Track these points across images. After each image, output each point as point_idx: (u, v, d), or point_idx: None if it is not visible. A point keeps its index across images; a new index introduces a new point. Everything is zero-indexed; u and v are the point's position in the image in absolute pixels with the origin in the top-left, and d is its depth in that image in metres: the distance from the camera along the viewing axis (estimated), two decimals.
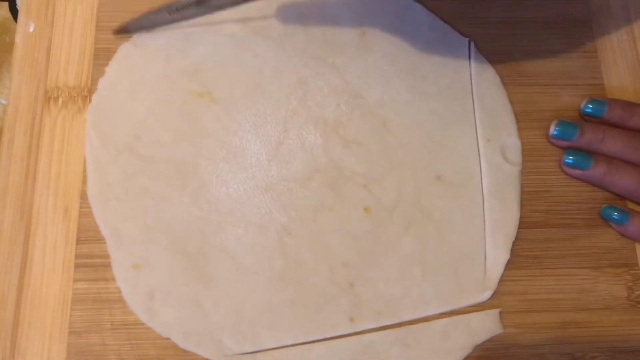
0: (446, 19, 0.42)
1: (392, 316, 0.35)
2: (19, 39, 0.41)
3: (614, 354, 0.35)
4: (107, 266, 0.36)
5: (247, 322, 0.35)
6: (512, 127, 0.40)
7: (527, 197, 0.38)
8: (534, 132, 0.40)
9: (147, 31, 0.41)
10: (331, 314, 0.35)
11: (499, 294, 0.36)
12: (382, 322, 0.35)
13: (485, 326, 0.35)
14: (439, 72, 0.41)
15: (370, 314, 0.35)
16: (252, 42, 0.41)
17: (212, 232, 0.36)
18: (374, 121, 0.39)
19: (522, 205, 0.38)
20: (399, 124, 0.39)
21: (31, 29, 0.41)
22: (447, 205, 0.38)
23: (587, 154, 0.38)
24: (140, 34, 0.41)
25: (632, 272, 0.37)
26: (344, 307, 0.35)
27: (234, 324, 0.35)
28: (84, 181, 0.38)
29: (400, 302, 0.36)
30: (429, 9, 0.42)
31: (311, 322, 0.35)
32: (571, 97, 0.41)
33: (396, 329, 0.35)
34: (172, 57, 0.40)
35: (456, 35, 0.42)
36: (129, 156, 0.38)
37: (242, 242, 0.36)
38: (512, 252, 0.37)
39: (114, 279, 0.35)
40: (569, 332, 0.36)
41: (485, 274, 0.37)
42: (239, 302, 0.35)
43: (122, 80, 0.40)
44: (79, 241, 0.36)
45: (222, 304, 0.35)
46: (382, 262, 0.36)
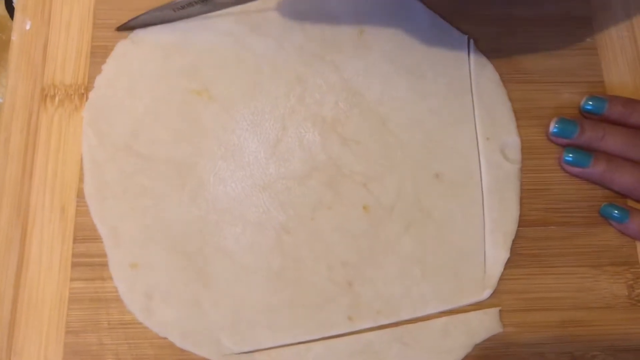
0: (445, 16, 0.42)
1: (391, 315, 0.35)
2: (15, 37, 0.41)
3: (614, 353, 0.35)
4: (105, 265, 0.36)
5: (245, 322, 0.35)
6: (512, 125, 0.40)
7: (526, 195, 0.38)
8: (534, 130, 0.40)
9: (146, 27, 0.40)
10: (330, 313, 0.35)
11: (499, 292, 0.36)
12: (381, 321, 0.35)
13: (484, 325, 0.35)
14: (438, 70, 0.40)
15: (369, 313, 0.35)
16: (251, 40, 0.41)
17: (210, 231, 0.36)
18: (373, 119, 0.39)
19: (521, 203, 0.38)
20: (398, 122, 0.39)
21: (27, 27, 0.41)
22: (446, 203, 0.37)
23: (587, 151, 0.38)
24: (138, 32, 0.40)
25: (633, 270, 0.37)
26: (343, 306, 0.35)
27: (232, 323, 0.35)
28: (81, 180, 0.37)
29: (399, 301, 0.36)
30: (427, 6, 0.42)
31: (310, 322, 0.35)
32: (571, 95, 0.41)
33: (395, 328, 0.35)
34: (170, 54, 0.40)
35: (455, 32, 0.41)
36: (127, 154, 0.38)
37: (241, 241, 0.36)
38: (512, 251, 0.37)
39: (111, 278, 0.35)
40: (568, 330, 0.36)
41: (484, 272, 0.36)
42: (237, 302, 0.35)
43: (120, 78, 0.39)
44: (76, 240, 0.36)
45: (221, 304, 0.35)
46: (381, 261, 0.36)
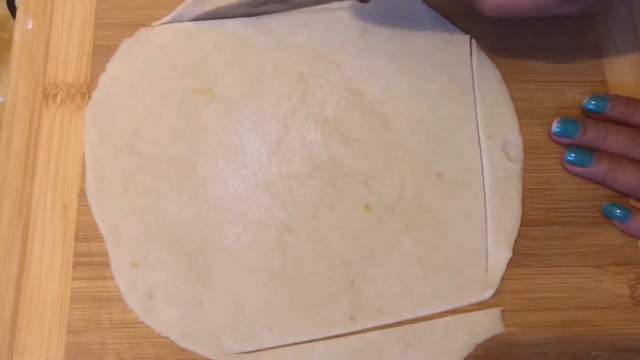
0: (447, 15, 0.42)
1: (393, 315, 0.35)
2: (17, 36, 0.41)
3: (617, 353, 0.35)
4: (106, 264, 0.36)
5: (246, 321, 0.35)
6: (514, 124, 0.39)
7: (528, 194, 0.38)
8: (536, 129, 0.40)
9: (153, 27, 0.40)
10: (331, 313, 0.35)
11: (501, 292, 0.36)
12: (383, 320, 0.35)
13: (486, 325, 0.35)
14: (440, 69, 0.40)
15: (370, 312, 0.35)
16: (254, 40, 0.41)
17: (211, 231, 0.36)
18: (375, 118, 0.39)
19: (523, 203, 0.38)
20: (399, 121, 0.39)
21: (29, 26, 0.41)
22: (448, 203, 0.37)
23: (589, 151, 0.38)
24: (142, 30, 0.40)
25: (635, 270, 0.37)
26: (344, 305, 0.35)
27: (233, 322, 0.35)
28: (83, 179, 0.37)
29: (401, 300, 0.35)
30: (430, 5, 0.42)
31: (311, 321, 0.35)
32: (573, 94, 0.40)
33: (397, 328, 0.35)
34: (173, 54, 0.40)
35: (457, 31, 0.41)
36: (129, 154, 0.38)
37: (242, 240, 0.36)
38: (514, 251, 0.37)
39: (112, 277, 0.35)
40: (571, 330, 0.36)
41: (486, 272, 0.36)
42: (238, 301, 0.35)
43: (123, 76, 0.39)
44: (77, 239, 0.36)
45: (222, 303, 0.35)
46: (382, 261, 0.36)
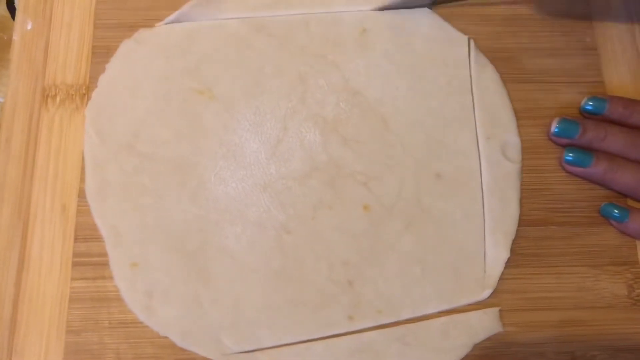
0: (446, 17, 0.42)
1: (392, 315, 0.35)
2: (16, 37, 0.41)
3: (614, 353, 0.35)
4: (105, 264, 0.36)
5: (245, 321, 0.35)
6: (512, 124, 0.40)
7: (527, 195, 0.38)
8: (534, 129, 0.40)
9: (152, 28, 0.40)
10: (330, 313, 0.35)
11: (499, 292, 0.36)
12: (382, 320, 0.35)
13: (484, 325, 0.35)
14: (439, 70, 0.40)
15: (369, 312, 0.35)
16: (254, 40, 0.41)
17: (210, 231, 0.36)
18: (374, 119, 0.39)
19: (522, 203, 0.38)
20: (398, 122, 0.39)
21: (29, 27, 0.41)
22: (446, 203, 0.38)
23: (588, 151, 0.38)
24: (142, 31, 0.40)
25: (633, 270, 0.37)
26: (343, 305, 0.35)
27: (232, 322, 0.35)
28: (82, 179, 0.37)
29: (399, 300, 0.36)
30: (429, 7, 0.42)
31: (310, 321, 0.35)
32: (571, 95, 0.41)
33: (395, 328, 0.35)
34: (173, 54, 0.40)
35: (456, 33, 0.42)
36: (128, 154, 0.38)
37: (241, 240, 0.36)
38: (512, 251, 0.37)
39: (112, 277, 0.35)
40: (568, 330, 0.36)
41: (484, 272, 0.36)
42: (237, 301, 0.35)
43: (123, 77, 0.39)
44: (76, 239, 0.36)
45: (221, 303, 0.35)
46: (381, 261, 0.36)
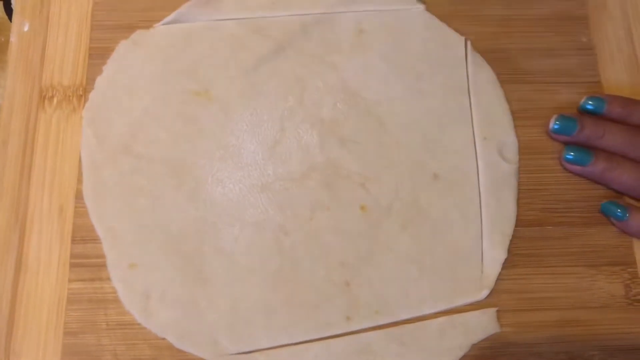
0: (442, 18, 0.42)
1: (389, 315, 0.35)
2: (13, 38, 0.41)
3: (611, 352, 0.35)
4: (103, 266, 0.36)
5: (243, 322, 0.35)
6: (509, 125, 0.40)
7: (524, 195, 0.38)
8: (531, 130, 0.40)
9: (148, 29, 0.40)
10: (328, 313, 0.35)
11: (496, 292, 0.36)
12: (379, 321, 0.35)
13: (482, 325, 0.35)
14: (436, 70, 0.41)
15: (366, 313, 0.35)
16: (251, 41, 0.41)
17: (208, 232, 0.36)
18: (371, 120, 0.39)
19: (519, 203, 0.38)
20: (395, 123, 0.39)
21: (26, 28, 0.41)
22: (443, 203, 0.38)
23: (588, 150, 0.38)
24: (139, 32, 0.40)
25: (630, 270, 0.37)
26: (341, 306, 0.35)
27: (230, 323, 0.35)
28: (80, 180, 0.37)
29: (397, 301, 0.36)
30: (426, 7, 0.42)
31: (308, 322, 0.35)
32: (568, 95, 0.41)
33: (392, 328, 0.35)
34: (170, 55, 0.40)
35: (453, 33, 0.42)
36: (125, 155, 0.38)
37: (238, 241, 0.36)
38: (509, 251, 0.37)
39: (109, 278, 0.35)
40: (566, 330, 0.36)
41: (482, 272, 0.36)
42: (235, 302, 0.35)
43: (120, 78, 0.40)
44: (74, 241, 0.36)
45: (218, 304, 0.35)
46: (378, 261, 0.36)
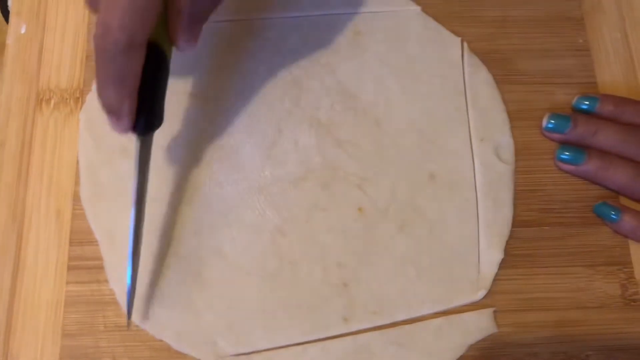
0: (439, 18, 0.42)
1: (387, 316, 0.35)
2: (10, 41, 0.41)
3: (608, 352, 0.35)
4: (100, 268, 0.36)
5: (241, 323, 0.35)
6: (506, 126, 0.40)
7: (520, 196, 0.38)
8: (528, 131, 0.40)
9: None
10: (325, 315, 0.35)
11: (493, 293, 0.36)
12: (376, 322, 0.35)
13: (479, 326, 0.35)
14: (432, 71, 0.41)
15: (364, 314, 0.35)
16: (247, 43, 0.41)
17: (205, 233, 0.36)
18: (368, 121, 0.39)
19: (515, 204, 0.38)
20: (392, 124, 0.39)
21: (23, 31, 0.41)
22: (440, 204, 0.38)
23: (581, 149, 0.38)
24: None
25: (626, 270, 0.37)
26: (338, 307, 0.35)
27: (227, 325, 0.35)
28: (77, 183, 0.37)
29: (394, 302, 0.36)
30: (422, 8, 0.42)
31: (305, 323, 0.35)
32: (564, 96, 0.41)
33: (390, 329, 0.35)
34: None
35: (449, 34, 0.42)
36: (122, 157, 0.38)
37: (236, 243, 0.36)
38: (506, 251, 0.37)
39: (107, 281, 0.35)
40: (563, 330, 0.36)
41: (479, 273, 0.37)
42: (232, 303, 0.35)
43: None
44: (71, 243, 0.36)
45: (216, 305, 0.35)
46: (376, 262, 0.36)
